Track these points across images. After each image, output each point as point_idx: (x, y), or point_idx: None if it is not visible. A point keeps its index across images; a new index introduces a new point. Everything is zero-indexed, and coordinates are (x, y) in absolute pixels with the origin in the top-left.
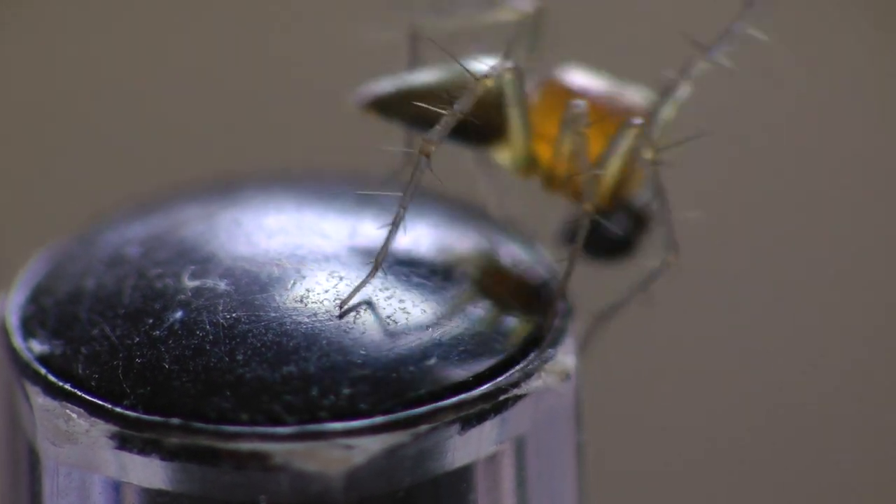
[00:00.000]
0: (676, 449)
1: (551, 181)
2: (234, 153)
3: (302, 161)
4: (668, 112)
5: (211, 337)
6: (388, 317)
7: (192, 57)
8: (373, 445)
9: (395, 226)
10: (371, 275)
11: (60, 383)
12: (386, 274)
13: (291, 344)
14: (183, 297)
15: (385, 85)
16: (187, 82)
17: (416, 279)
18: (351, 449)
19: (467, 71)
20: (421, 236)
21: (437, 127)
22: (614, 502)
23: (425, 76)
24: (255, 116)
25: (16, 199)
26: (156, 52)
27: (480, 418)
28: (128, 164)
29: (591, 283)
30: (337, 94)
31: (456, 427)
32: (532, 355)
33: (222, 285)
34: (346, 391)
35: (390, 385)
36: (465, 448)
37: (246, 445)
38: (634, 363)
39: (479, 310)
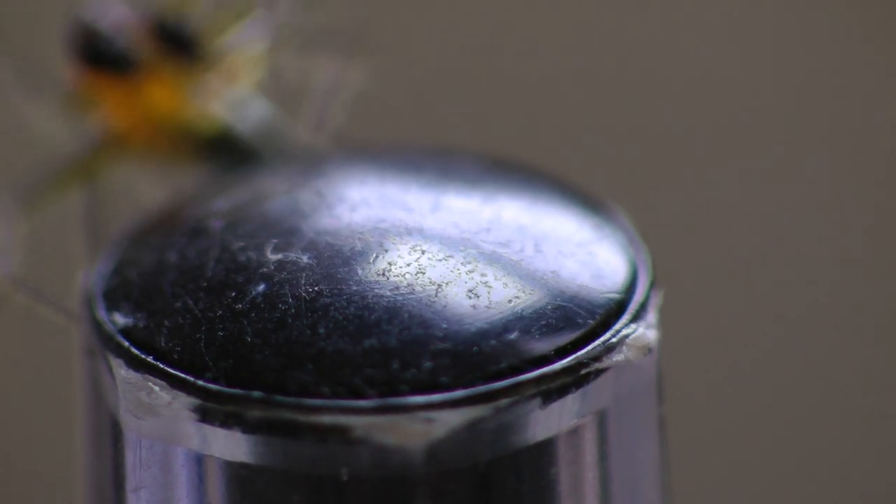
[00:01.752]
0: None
1: None
2: None
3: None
4: None
5: (293, 310)
6: (470, 290)
7: None
8: (453, 419)
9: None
10: None
11: (143, 356)
12: (467, 247)
13: (373, 317)
14: (265, 270)
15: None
16: None
17: (497, 253)
18: (431, 422)
19: None
20: (502, 210)
21: None
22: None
23: None
24: None
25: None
26: None
27: (562, 392)
28: None
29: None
30: None
31: (537, 401)
32: (613, 329)
33: (305, 258)
34: (428, 364)
35: (471, 359)
36: (546, 422)
37: (327, 419)
38: None
39: (561, 283)
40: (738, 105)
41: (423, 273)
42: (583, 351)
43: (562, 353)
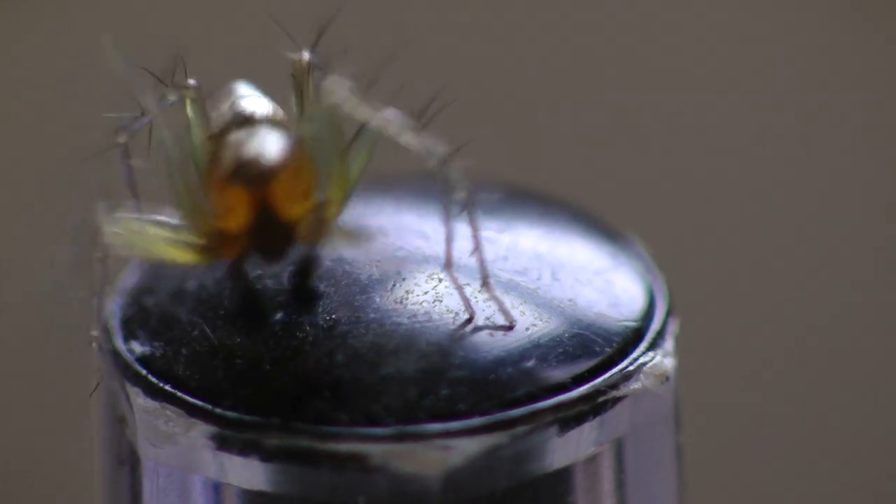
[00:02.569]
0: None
1: None
2: None
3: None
4: None
5: (310, 338)
6: (487, 318)
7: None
8: (471, 446)
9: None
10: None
11: (160, 384)
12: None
13: (390, 345)
14: (283, 298)
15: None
16: None
17: (514, 280)
18: (449, 450)
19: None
20: (519, 238)
21: None
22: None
23: None
24: None
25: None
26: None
27: (579, 420)
28: None
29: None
30: None
31: (554, 428)
32: (631, 357)
33: (322, 286)
34: (445, 392)
35: (488, 386)
36: (563, 449)
37: (345, 446)
38: None
39: (578, 311)
40: (757, 133)
41: (441, 301)
42: (600, 379)
43: (579, 380)
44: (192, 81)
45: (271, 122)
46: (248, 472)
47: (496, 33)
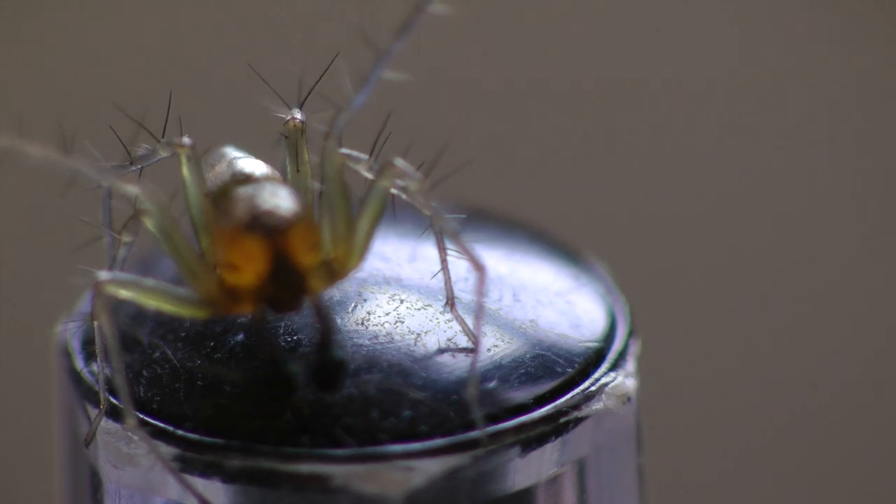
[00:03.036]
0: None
1: None
2: None
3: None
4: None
5: (272, 360)
6: (449, 339)
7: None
8: (433, 467)
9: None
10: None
11: (122, 406)
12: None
13: (352, 366)
14: (244, 320)
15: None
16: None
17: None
18: (411, 471)
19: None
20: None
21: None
22: None
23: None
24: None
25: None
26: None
27: (541, 440)
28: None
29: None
30: None
31: (516, 449)
32: (592, 377)
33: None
34: (407, 413)
35: (450, 407)
36: (525, 470)
37: (306, 467)
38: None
39: (539, 332)
40: (718, 153)
41: (402, 322)
42: (562, 399)
43: (541, 401)
44: (187, 140)
45: (272, 179)
46: (211, 494)
47: (460, 62)
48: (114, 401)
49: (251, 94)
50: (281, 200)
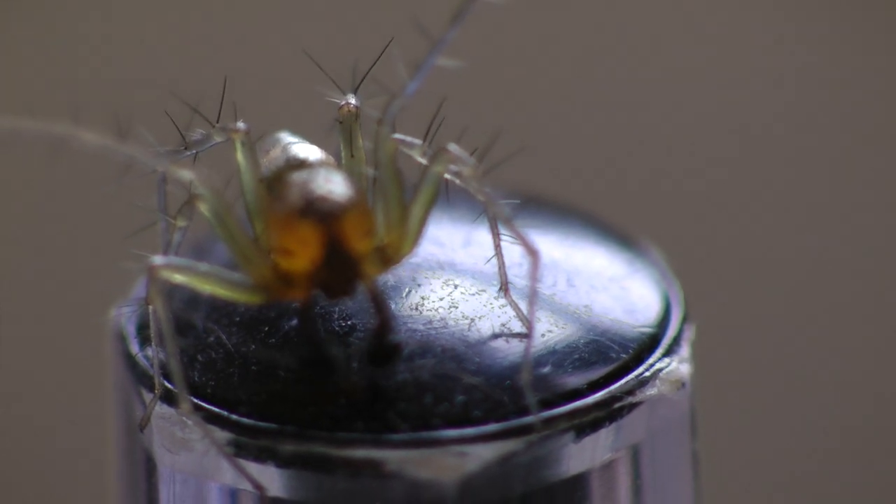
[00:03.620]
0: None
1: None
2: None
3: None
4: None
5: (326, 345)
6: (503, 324)
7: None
8: (486, 453)
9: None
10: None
11: (176, 390)
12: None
13: (406, 351)
14: (297, 305)
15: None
16: None
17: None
18: (464, 456)
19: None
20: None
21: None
22: None
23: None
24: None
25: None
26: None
27: (595, 426)
28: None
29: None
30: None
31: (570, 435)
32: (647, 363)
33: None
34: (460, 398)
35: (504, 392)
36: (579, 456)
37: (360, 453)
38: None
39: (594, 317)
40: (772, 139)
41: (456, 307)
42: (616, 385)
43: (595, 387)
44: (241, 125)
45: (326, 164)
46: (264, 479)
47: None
48: (168, 385)
49: (306, 80)
50: (335, 186)
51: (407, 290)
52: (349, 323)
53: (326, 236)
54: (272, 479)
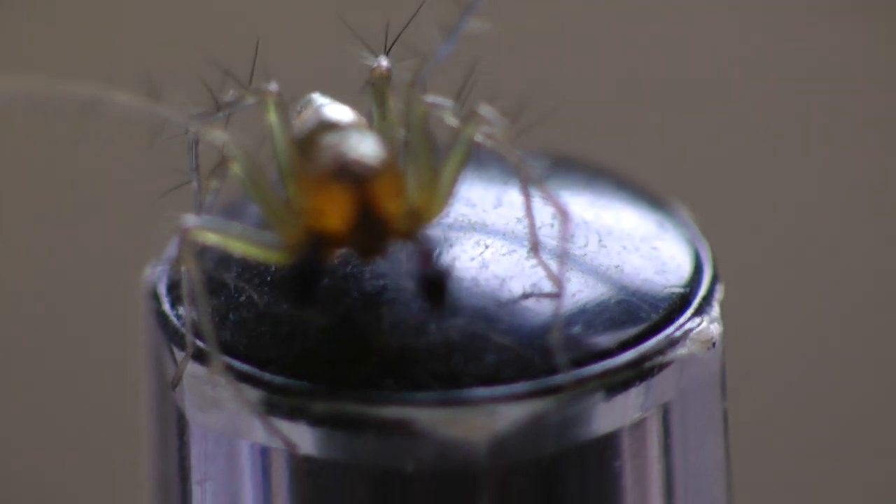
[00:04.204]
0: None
1: None
2: None
3: None
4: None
5: (358, 304)
6: (534, 284)
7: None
8: (517, 412)
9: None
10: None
11: (208, 349)
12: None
13: (437, 311)
14: (329, 265)
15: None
16: None
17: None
18: (495, 415)
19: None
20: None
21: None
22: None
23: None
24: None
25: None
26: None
27: (625, 385)
28: None
29: None
30: None
31: (601, 394)
32: (677, 323)
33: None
34: (491, 358)
35: (535, 352)
36: (609, 415)
37: (391, 411)
38: None
39: (624, 277)
40: (803, 102)
41: (488, 267)
42: (646, 345)
43: (625, 346)
44: (273, 86)
45: (358, 126)
46: (296, 438)
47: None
48: (200, 344)
49: (338, 42)
50: (367, 148)
51: (438, 250)
52: (381, 283)
53: (359, 198)
54: (303, 437)
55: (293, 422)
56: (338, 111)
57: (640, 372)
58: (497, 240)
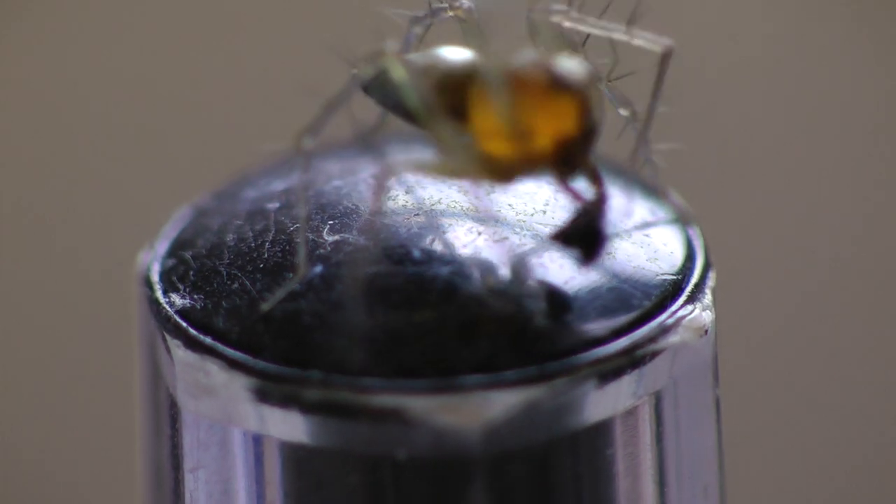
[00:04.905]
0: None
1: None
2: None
3: None
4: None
5: (350, 291)
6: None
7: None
8: (510, 399)
9: (302, 226)
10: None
11: (200, 337)
12: (523, 229)
13: (430, 298)
14: (322, 251)
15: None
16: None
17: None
18: (488, 402)
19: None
20: (558, 192)
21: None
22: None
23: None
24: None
25: (160, 155)
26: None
27: (617, 373)
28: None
29: None
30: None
31: (593, 382)
32: (669, 310)
33: (361, 240)
34: (484, 345)
35: (528, 339)
36: (602, 403)
37: (383, 399)
38: None
39: (616, 265)
40: (793, 86)
41: (480, 254)
42: (638, 332)
43: (617, 334)
44: (465, 2)
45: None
46: (289, 425)
47: None
48: (193, 332)
49: None
50: (570, 62)
51: (430, 237)
52: (374, 269)
53: (581, 107)
54: (296, 425)
55: (285, 409)
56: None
57: (632, 359)
58: (489, 227)
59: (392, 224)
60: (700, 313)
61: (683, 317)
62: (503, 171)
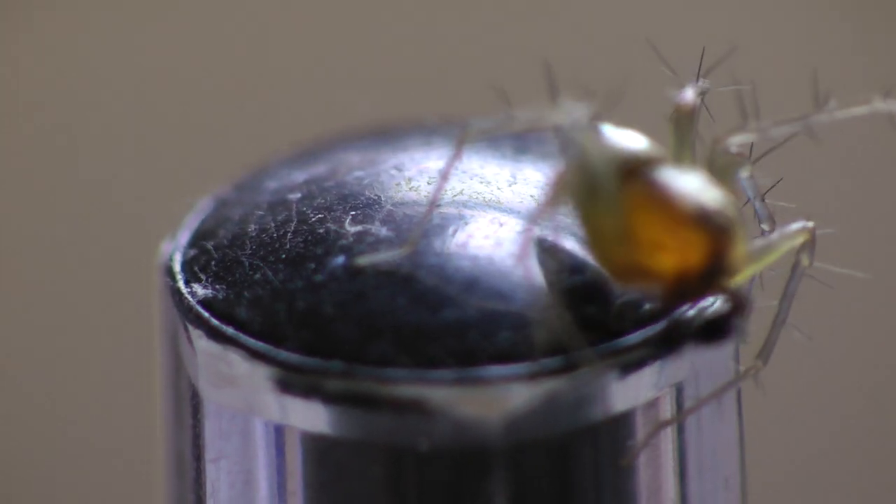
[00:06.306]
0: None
1: None
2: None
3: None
4: None
5: (372, 282)
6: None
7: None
8: (531, 390)
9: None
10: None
11: (222, 327)
12: (546, 223)
13: (452, 289)
14: (345, 242)
15: None
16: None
17: (575, 226)
18: (510, 393)
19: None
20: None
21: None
22: None
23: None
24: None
25: (183, 145)
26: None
27: (639, 364)
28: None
29: None
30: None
31: (615, 373)
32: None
33: (384, 231)
34: (506, 336)
35: (549, 330)
36: (623, 394)
37: (405, 389)
38: None
39: None
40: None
41: (502, 245)
42: (661, 323)
43: (639, 325)
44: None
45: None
46: (310, 415)
47: None
48: (217, 324)
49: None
50: (722, 200)
51: (453, 227)
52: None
53: (713, 248)
54: (318, 415)
55: (307, 400)
56: (638, 140)
57: (653, 351)
58: (512, 217)
59: (414, 215)
60: (722, 305)
61: (705, 308)
62: (618, 273)
